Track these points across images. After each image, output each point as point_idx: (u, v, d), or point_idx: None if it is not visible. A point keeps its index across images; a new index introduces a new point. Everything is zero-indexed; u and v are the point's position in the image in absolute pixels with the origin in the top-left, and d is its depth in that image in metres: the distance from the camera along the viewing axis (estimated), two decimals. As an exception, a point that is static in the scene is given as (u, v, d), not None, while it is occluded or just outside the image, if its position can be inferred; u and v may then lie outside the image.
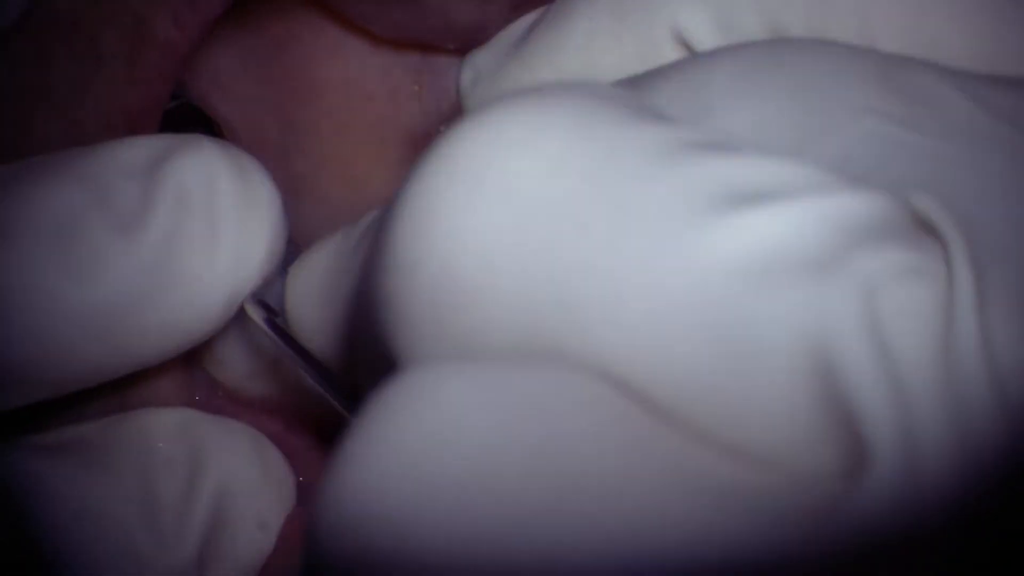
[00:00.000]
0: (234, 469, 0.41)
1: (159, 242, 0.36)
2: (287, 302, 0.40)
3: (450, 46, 0.49)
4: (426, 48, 0.50)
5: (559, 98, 0.25)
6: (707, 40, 0.31)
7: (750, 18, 0.30)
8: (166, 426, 0.41)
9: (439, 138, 0.25)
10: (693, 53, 0.31)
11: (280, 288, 0.43)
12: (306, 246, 0.43)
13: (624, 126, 0.24)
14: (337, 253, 0.38)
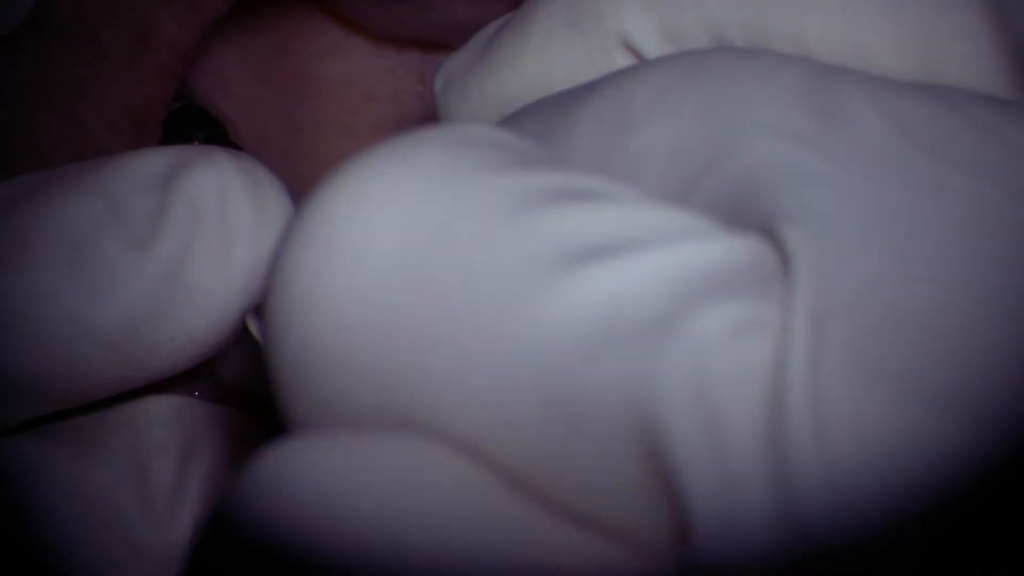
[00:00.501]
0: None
1: (172, 257, 0.36)
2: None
3: (452, 45, 0.50)
4: (427, 47, 0.51)
5: (419, 149, 0.24)
6: (654, 48, 0.31)
7: (694, 27, 0.31)
8: (159, 412, 0.41)
9: (304, 201, 0.25)
10: (642, 60, 0.31)
11: None
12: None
13: (483, 179, 0.24)
14: None
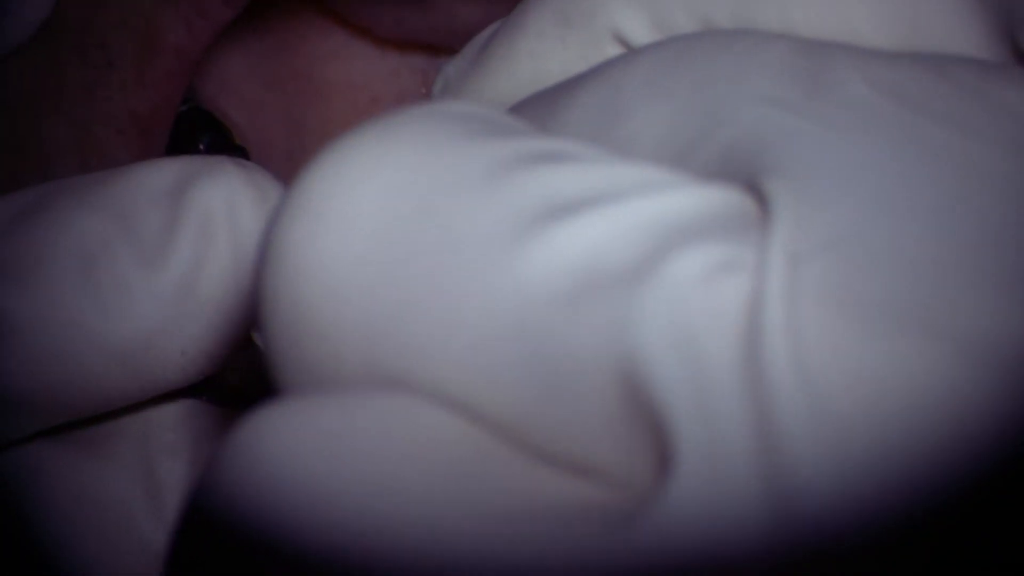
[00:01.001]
0: None
1: (183, 272, 0.37)
2: None
3: (455, 47, 0.50)
4: (431, 50, 0.51)
5: (403, 124, 0.25)
6: (646, 40, 0.32)
7: (684, 20, 0.31)
8: (168, 416, 0.41)
9: (295, 177, 0.26)
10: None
11: None
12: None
13: (464, 146, 0.25)
14: None
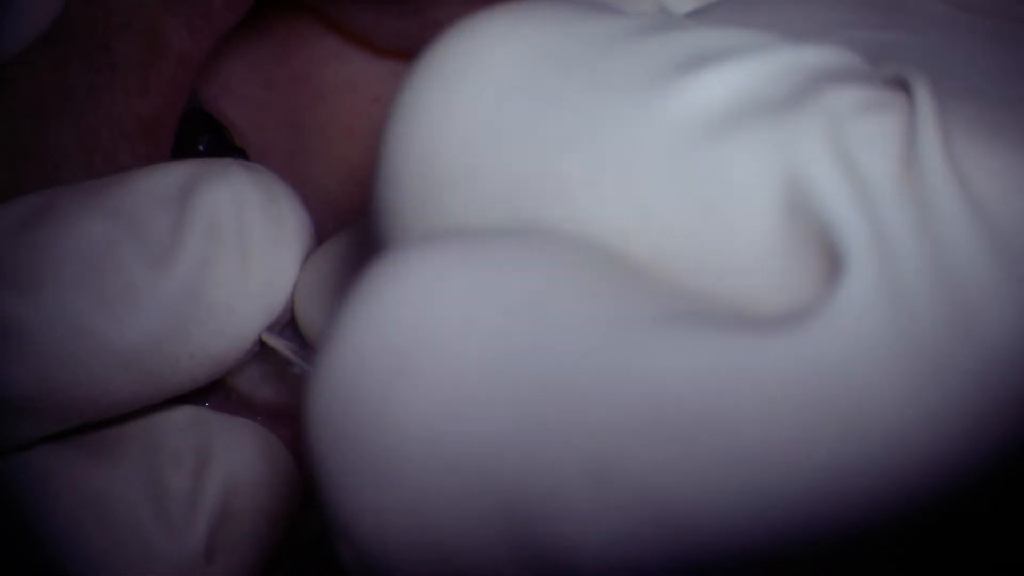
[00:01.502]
0: (242, 463, 0.42)
1: (191, 275, 0.37)
2: (295, 302, 0.40)
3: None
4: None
5: (531, 5, 0.27)
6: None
7: None
8: (175, 422, 0.42)
9: (425, 47, 0.27)
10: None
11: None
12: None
13: (594, 18, 0.26)
14: (344, 253, 0.39)
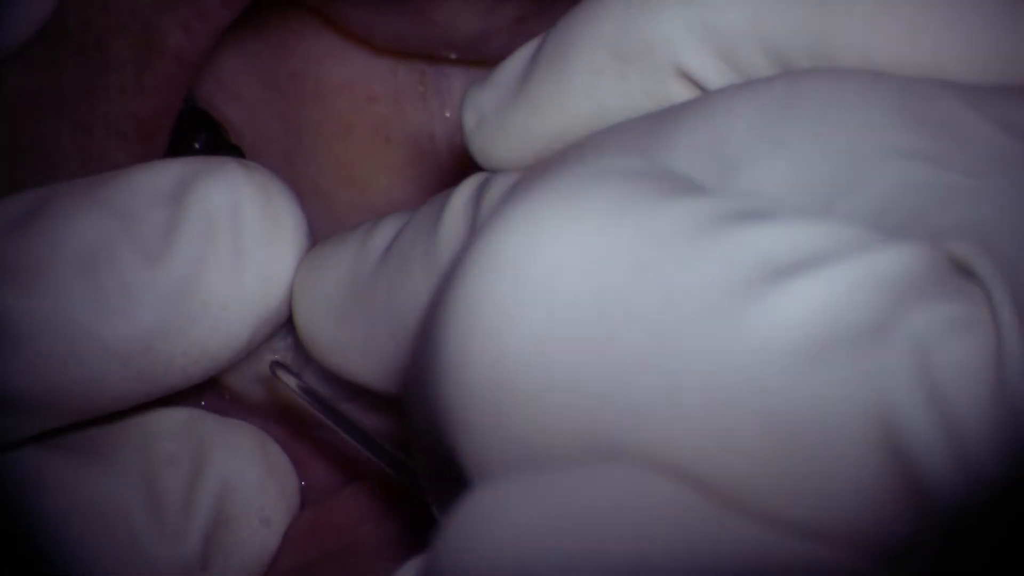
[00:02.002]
0: (237, 466, 0.42)
1: (185, 272, 0.37)
2: (295, 311, 0.40)
3: (452, 56, 0.50)
4: (428, 57, 0.51)
5: (589, 184, 0.25)
6: (713, 76, 0.31)
7: (754, 52, 0.30)
8: (170, 425, 0.42)
9: (476, 234, 0.25)
10: (703, 90, 0.32)
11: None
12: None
13: (657, 205, 0.24)
14: (352, 272, 0.38)
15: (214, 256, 0.37)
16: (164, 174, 0.38)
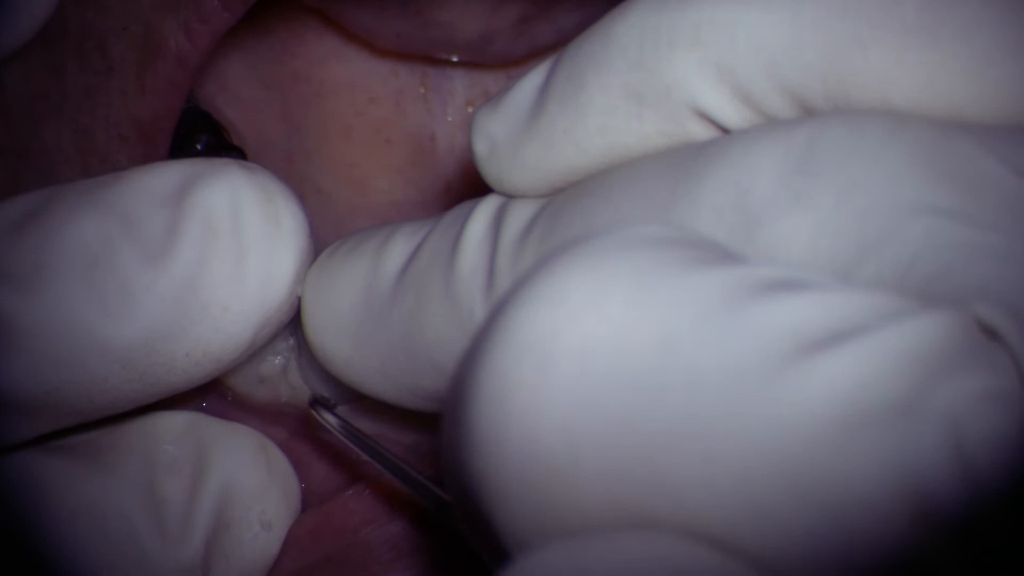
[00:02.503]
0: (239, 469, 0.42)
1: (187, 273, 0.37)
2: (307, 327, 0.40)
3: (453, 58, 0.50)
4: (430, 59, 0.51)
5: (612, 258, 0.25)
6: (731, 115, 0.31)
7: (770, 92, 0.30)
8: (171, 428, 0.42)
9: (499, 309, 0.26)
10: (721, 128, 0.32)
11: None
12: (313, 249, 0.44)
13: (682, 279, 0.25)
14: (366, 293, 0.38)
15: (215, 257, 0.37)
16: (165, 176, 0.38)
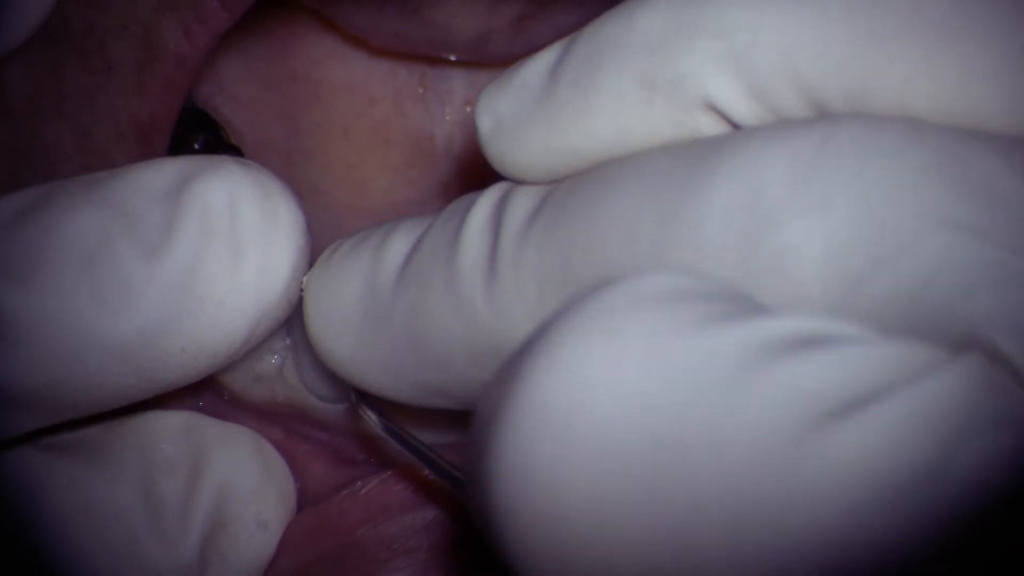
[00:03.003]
0: (235, 470, 0.42)
1: (183, 267, 0.37)
2: (308, 324, 0.40)
3: (452, 57, 0.50)
4: (428, 58, 0.51)
5: (626, 317, 0.25)
6: (743, 110, 0.31)
7: (786, 89, 0.30)
8: (168, 428, 0.42)
9: (512, 374, 0.26)
10: (730, 123, 0.31)
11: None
12: (312, 249, 0.44)
13: (699, 338, 0.25)
14: (368, 287, 0.38)
15: (212, 252, 0.37)
16: (163, 171, 0.38)
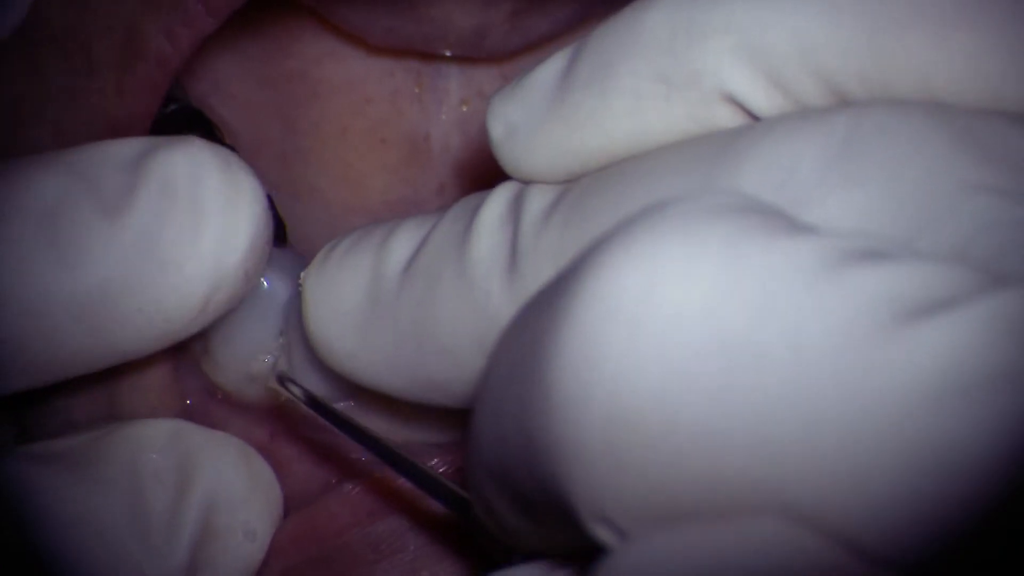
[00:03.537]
0: (222, 479, 0.42)
1: (143, 228, 0.37)
2: (308, 321, 0.40)
3: (448, 53, 0.49)
4: (423, 55, 0.50)
5: (703, 221, 0.24)
6: (761, 100, 0.31)
7: (803, 76, 0.30)
8: (156, 437, 0.42)
9: (579, 270, 0.25)
10: (749, 113, 0.31)
11: (289, 298, 0.43)
12: (307, 249, 0.43)
13: (775, 245, 0.24)
14: (371, 285, 0.38)
15: (172, 216, 0.38)
16: (129, 143, 0.39)
